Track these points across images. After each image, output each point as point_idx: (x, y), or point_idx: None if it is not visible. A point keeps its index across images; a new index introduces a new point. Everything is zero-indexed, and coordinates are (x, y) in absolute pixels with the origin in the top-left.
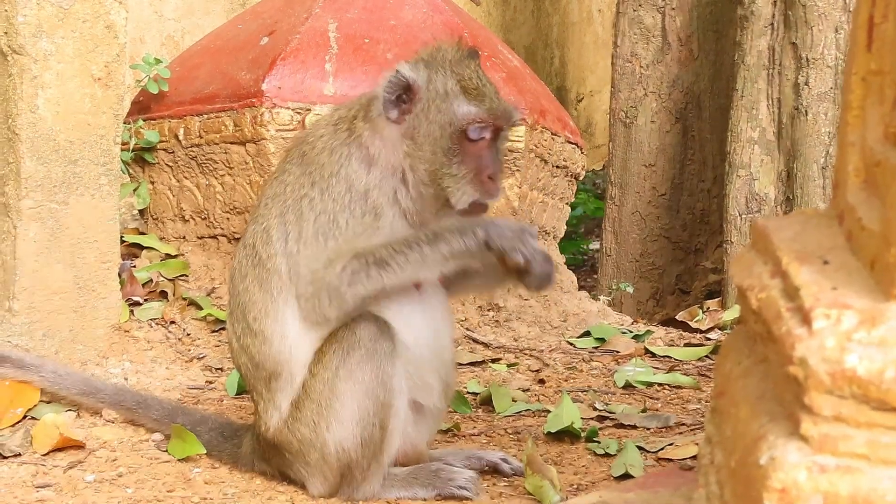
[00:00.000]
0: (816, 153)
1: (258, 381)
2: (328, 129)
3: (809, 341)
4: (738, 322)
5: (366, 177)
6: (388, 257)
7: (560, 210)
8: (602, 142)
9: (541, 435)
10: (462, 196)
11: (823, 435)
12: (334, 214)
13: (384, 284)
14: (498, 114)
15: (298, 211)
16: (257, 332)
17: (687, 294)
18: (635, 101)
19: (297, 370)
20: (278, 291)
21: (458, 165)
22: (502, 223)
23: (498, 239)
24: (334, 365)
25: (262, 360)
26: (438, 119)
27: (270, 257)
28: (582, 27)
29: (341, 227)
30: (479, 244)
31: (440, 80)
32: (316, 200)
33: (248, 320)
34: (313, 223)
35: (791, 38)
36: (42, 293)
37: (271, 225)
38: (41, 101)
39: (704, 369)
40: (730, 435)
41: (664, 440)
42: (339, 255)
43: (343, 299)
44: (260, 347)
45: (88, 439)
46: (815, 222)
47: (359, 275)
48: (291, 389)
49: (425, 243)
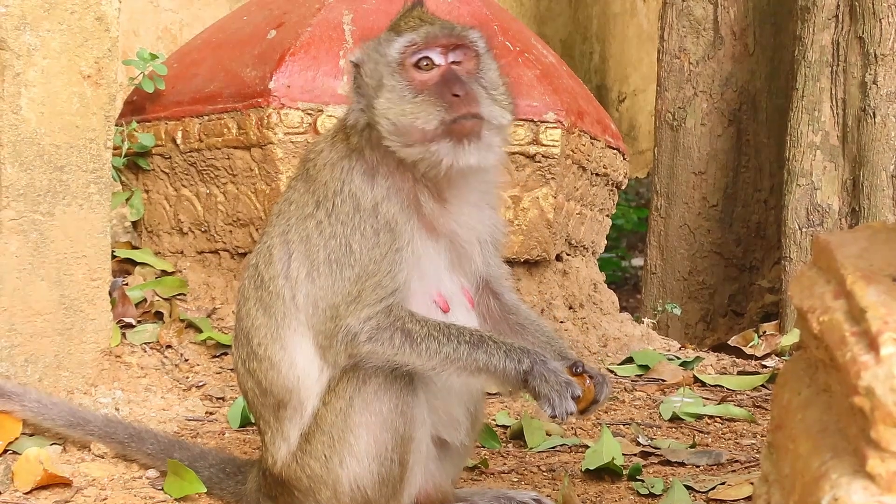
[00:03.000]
0: (885, 160)
1: (265, 408)
2: (327, 143)
3: (876, 369)
4: (798, 348)
5: (371, 191)
6: (420, 336)
7: (600, 222)
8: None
9: (578, 473)
10: (426, 123)
11: (892, 473)
12: (346, 238)
13: (403, 360)
14: (436, 33)
15: (304, 232)
16: (263, 358)
17: (741, 316)
18: (683, 101)
19: (306, 399)
20: (282, 317)
21: (419, 99)
22: (553, 367)
23: (539, 382)
24: (348, 394)
25: (269, 387)
26: (381, 71)
27: (273, 279)
28: (624, 19)
29: (355, 252)
30: (518, 374)
31: (380, 42)
32: (324, 224)
33: (252, 345)
34: (324, 248)
35: (857, 32)
36: (24, 314)
37: (274, 244)
38: (24, 101)
39: (760, 400)
40: (788, 473)
41: (715, 479)
42: (364, 294)
43: (358, 350)
44: (267, 373)
45: (75, 476)
46: (883, 237)
47: (383, 334)
48: (301, 419)
49: (465, 342)
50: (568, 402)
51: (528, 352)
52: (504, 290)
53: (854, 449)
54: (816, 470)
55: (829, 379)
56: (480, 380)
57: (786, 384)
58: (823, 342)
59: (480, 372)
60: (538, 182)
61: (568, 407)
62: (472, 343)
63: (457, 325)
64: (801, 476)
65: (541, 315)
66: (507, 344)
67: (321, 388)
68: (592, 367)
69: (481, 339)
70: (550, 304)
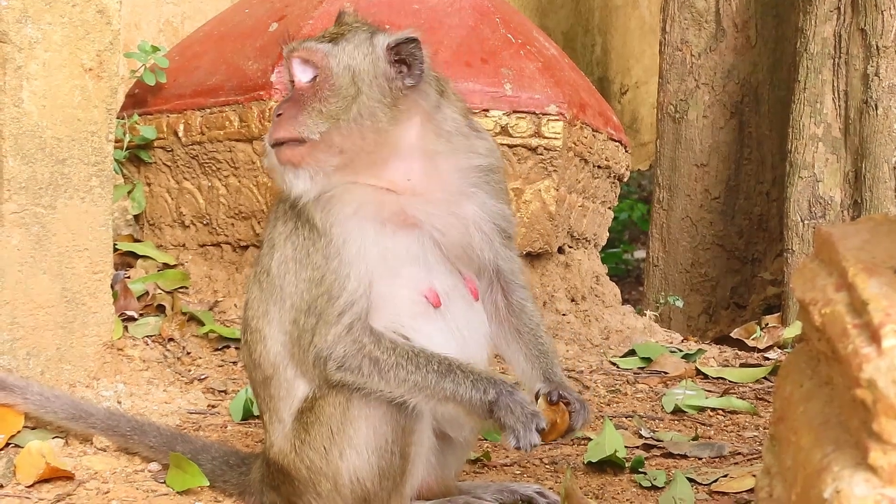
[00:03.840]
0: (887, 152)
1: (258, 385)
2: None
3: (878, 361)
4: (800, 340)
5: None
6: (388, 365)
7: (602, 215)
8: (649, 139)
9: (580, 465)
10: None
11: (894, 465)
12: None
13: (372, 387)
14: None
15: (272, 227)
16: (254, 330)
17: (743, 309)
18: (686, 93)
19: (294, 378)
20: (269, 294)
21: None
22: (519, 399)
23: (504, 413)
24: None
25: (258, 359)
26: None
27: (270, 269)
28: (626, 11)
29: (310, 254)
30: (483, 404)
31: None
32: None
33: (247, 318)
34: (290, 247)
35: (859, 24)
36: (26, 307)
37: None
38: (26, 94)
39: (762, 392)
40: (790, 465)
41: (718, 471)
42: (325, 313)
43: (330, 377)
44: (256, 345)
45: (78, 469)
46: (885, 229)
47: (351, 362)
48: (290, 401)
49: (433, 371)
50: (532, 434)
51: (495, 382)
52: (514, 287)
53: (856, 441)
54: (818, 462)
55: (831, 371)
56: (449, 408)
57: (788, 376)
58: (825, 334)
59: (448, 401)
60: (540, 174)
61: (532, 439)
62: (440, 372)
63: (427, 351)
64: (803, 468)
65: (543, 307)
66: (476, 373)
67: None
68: (572, 392)
69: (449, 368)
70: (553, 296)
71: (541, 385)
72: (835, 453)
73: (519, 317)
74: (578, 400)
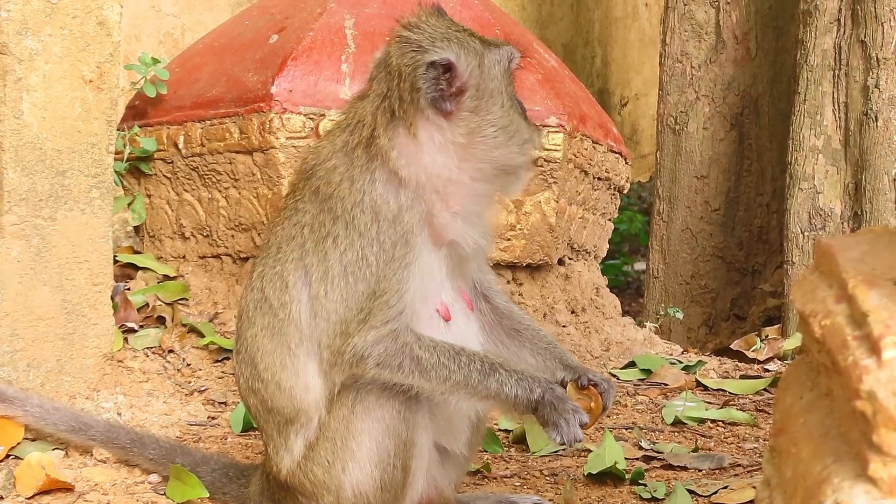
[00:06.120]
0: (887, 163)
1: (269, 424)
2: (340, 159)
3: (878, 373)
4: (800, 351)
5: (394, 199)
6: (430, 364)
7: (602, 227)
8: (649, 151)
9: (580, 477)
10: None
11: (894, 477)
12: (362, 251)
13: (411, 384)
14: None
15: (321, 253)
16: (269, 382)
17: (743, 320)
18: (686, 105)
19: (314, 415)
20: (297, 344)
21: (522, 117)
22: (561, 395)
23: (548, 410)
24: (350, 401)
25: (275, 406)
26: (493, 84)
27: (284, 306)
28: (626, 23)
29: (371, 265)
30: (528, 402)
31: (468, 48)
32: (341, 237)
33: (258, 369)
34: (339, 261)
35: (860, 36)
36: (26, 319)
37: (287, 270)
38: (26, 106)
39: (762, 404)
40: (790, 477)
41: (718, 483)
42: (373, 313)
43: (364, 372)
44: (273, 395)
45: (78, 481)
46: (885, 241)
47: (392, 360)
48: (306, 432)
49: (477, 370)
50: (576, 429)
51: (539, 380)
52: (494, 294)
53: (856, 453)
54: (818, 474)
55: (831, 383)
56: (488, 404)
57: (788, 388)
58: (825, 346)
59: (490, 398)
60: (540, 186)
61: (577, 434)
62: (484, 371)
63: (467, 349)
64: (802, 480)
65: (543, 319)
66: (518, 372)
67: (327, 401)
68: (596, 374)
69: (493, 367)
70: (553, 308)
71: (563, 373)
72: (835, 465)
73: (511, 318)
74: (604, 379)
